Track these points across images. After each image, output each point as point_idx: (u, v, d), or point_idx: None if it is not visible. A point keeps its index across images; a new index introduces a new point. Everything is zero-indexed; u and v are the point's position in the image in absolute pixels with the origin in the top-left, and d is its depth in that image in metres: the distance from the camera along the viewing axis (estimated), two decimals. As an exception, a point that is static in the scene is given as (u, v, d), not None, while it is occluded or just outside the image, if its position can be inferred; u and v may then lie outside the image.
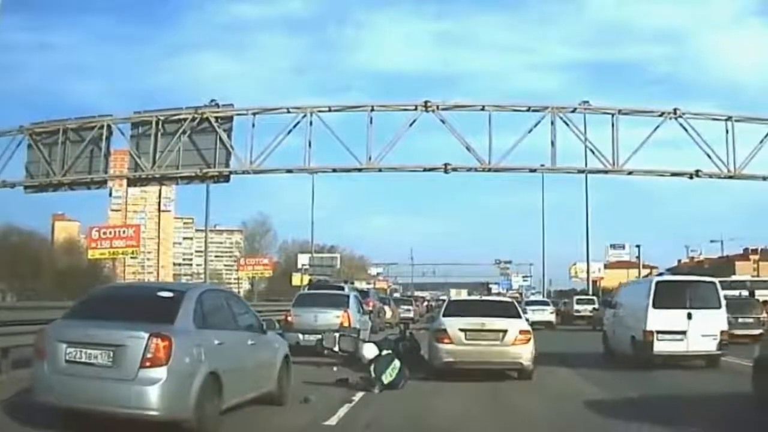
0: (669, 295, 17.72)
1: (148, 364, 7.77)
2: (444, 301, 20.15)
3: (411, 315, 49.73)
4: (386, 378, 13.48)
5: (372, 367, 13.62)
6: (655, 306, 17.45)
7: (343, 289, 25.81)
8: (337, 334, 15.90)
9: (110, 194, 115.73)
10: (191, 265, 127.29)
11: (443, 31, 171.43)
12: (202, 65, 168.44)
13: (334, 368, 15.24)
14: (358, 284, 50.55)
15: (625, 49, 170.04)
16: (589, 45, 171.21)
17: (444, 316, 15.92)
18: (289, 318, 20.80)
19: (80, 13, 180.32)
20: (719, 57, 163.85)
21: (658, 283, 18.38)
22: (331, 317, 20.19)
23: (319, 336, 16.67)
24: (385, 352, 14.31)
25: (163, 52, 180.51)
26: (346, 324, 19.04)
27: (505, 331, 14.95)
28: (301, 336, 19.56)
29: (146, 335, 7.85)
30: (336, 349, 15.48)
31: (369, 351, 14.52)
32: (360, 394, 12.66)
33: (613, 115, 24.80)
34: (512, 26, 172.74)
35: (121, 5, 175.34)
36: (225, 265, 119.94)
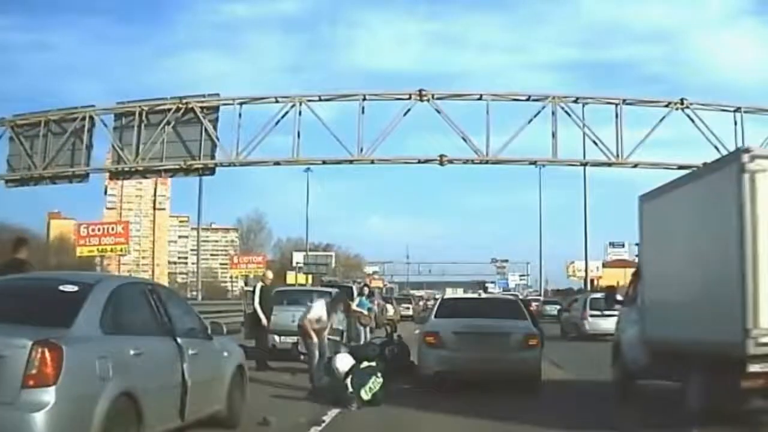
0: None
1: (31, 382, 5.79)
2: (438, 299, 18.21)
3: (410, 313, 51.52)
4: (366, 393, 11.52)
5: (349, 380, 11.72)
6: None
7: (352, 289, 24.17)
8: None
9: (105, 192, 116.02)
10: (186, 263, 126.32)
11: (436, 31, 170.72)
12: (194, 65, 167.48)
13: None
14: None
15: (622, 49, 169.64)
16: (585, 44, 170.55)
17: (436, 317, 14.02)
18: None
19: (72, 13, 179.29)
20: (717, 57, 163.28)
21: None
22: None
23: (295, 339, 15.21)
24: (364, 364, 12.25)
25: (156, 52, 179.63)
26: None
27: (507, 335, 12.92)
28: (277, 338, 17.93)
29: (29, 343, 5.85)
30: None
31: (342, 362, 12.46)
32: (333, 413, 10.65)
33: (617, 105, 23.89)
34: (506, 26, 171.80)
35: (115, 5, 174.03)
36: (220, 264, 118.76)
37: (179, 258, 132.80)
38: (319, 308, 13.29)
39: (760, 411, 9.47)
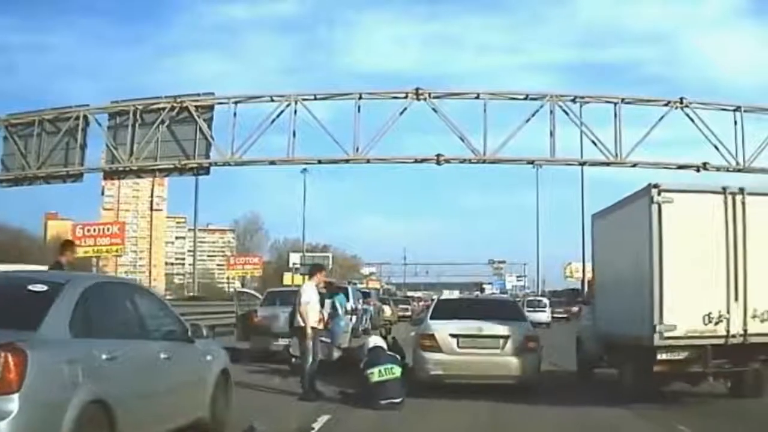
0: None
1: None
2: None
3: (408, 313, 52.12)
4: (374, 376, 11.34)
5: (366, 359, 11.71)
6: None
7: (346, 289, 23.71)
8: None
9: (102, 193, 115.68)
10: (183, 264, 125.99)
11: (434, 33, 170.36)
12: (191, 66, 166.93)
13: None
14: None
15: (620, 50, 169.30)
16: (583, 46, 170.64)
17: (432, 318, 13.48)
18: (256, 319, 18.53)
19: (70, 13, 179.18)
20: (716, 58, 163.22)
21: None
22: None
23: (287, 341, 14.74)
24: (390, 353, 12.28)
25: (154, 53, 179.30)
26: (320, 326, 16.93)
27: (506, 338, 12.40)
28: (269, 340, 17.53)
29: None
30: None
31: (374, 341, 12.60)
32: (324, 419, 10.15)
33: (615, 104, 23.65)
34: (504, 27, 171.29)
35: (113, 6, 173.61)
36: (217, 265, 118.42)
37: (176, 259, 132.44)
38: (308, 291, 12.72)
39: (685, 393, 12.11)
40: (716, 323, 10.92)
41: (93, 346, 6.32)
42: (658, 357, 10.99)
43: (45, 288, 6.42)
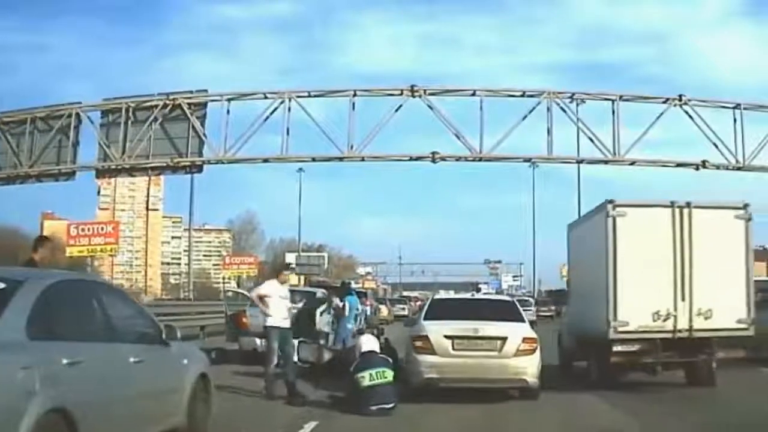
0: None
1: None
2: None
3: (405, 312, 53.49)
4: (365, 380, 10.87)
5: (357, 362, 11.27)
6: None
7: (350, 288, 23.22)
8: (296, 341, 13.11)
9: (98, 193, 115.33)
10: (180, 264, 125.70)
11: (431, 34, 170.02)
12: (189, 67, 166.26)
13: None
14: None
15: (618, 50, 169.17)
16: (581, 46, 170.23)
17: (425, 319, 12.97)
18: (245, 319, 17.96)
19: (68, 14, 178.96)
20: (714, 59, 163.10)
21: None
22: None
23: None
24: (382, 356, 11.78)
25: (151, 54, 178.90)
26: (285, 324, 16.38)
27: (504, 339, 11.88)
28: (258, 341, 16.59)
29: None
30: (295, 359, 12.81)
31: (367, 343, 11.96)
32: (311, 425, 9.67)
33: (613, 101, 23.40)
34: (502, 28, 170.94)
35: (111, 7, 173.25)
36: (213, 265, 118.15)
37: (172, 259, 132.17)
38: (267, 286, 12.81)
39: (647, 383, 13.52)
40: (664, 320, 12.57)
41: (53, 350, 5.83)
42: (614, 349, 12.70)
43: (2, 286, 5.92)
